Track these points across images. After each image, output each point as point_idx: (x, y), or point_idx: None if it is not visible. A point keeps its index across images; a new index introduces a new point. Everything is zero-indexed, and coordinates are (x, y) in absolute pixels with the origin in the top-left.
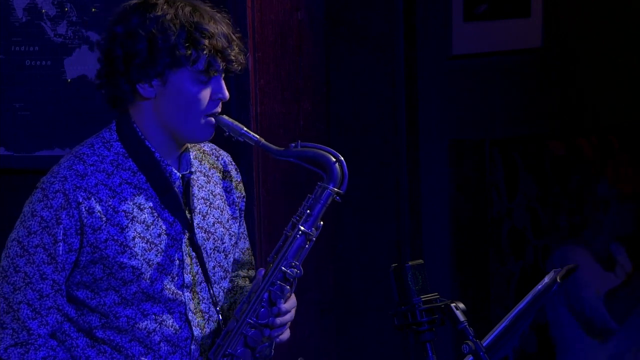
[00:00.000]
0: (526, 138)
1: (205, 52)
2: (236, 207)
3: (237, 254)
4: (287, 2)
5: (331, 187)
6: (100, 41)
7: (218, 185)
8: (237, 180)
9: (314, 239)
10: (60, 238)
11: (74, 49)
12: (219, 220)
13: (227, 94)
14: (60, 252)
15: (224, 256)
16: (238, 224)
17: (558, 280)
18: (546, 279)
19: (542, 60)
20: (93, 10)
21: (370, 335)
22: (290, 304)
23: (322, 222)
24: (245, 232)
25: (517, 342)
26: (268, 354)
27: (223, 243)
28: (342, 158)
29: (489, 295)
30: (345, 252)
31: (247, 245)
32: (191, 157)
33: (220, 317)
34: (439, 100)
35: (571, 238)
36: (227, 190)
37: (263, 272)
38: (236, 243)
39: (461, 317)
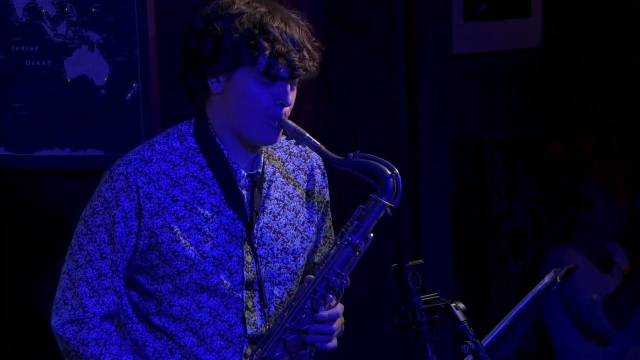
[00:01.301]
0: (526, 138)
1: (266, 53)
2: (315, 212)
3: (317, 258)
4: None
5: (384, 201)
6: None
7: (299, 188)
8: (321, 185)
9: (363, 251)
10: (119, 219)
11: (74, 49)
12: (292, 222)
13: (290, 99)
14: (118, 234)
15: (292, 258)
16: (317, 228)
17: (558, 280)
18: (546, 279)
19: (542, 60)
20: (93, 10)
21: (370, 335)
22: (332, 313)
23: (372, 235)
24: (331, 237)
25: (517, 342)
26: (308, 358)
27: (293, 245)
28: (398, 172)
29: (489, 295)
30: None
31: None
32: (261, 158)
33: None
34: (439, 100)
35: (566, 239)
36: (309, 193)
37: (310, 279)
38: (315, 247)
39: (461, 317)
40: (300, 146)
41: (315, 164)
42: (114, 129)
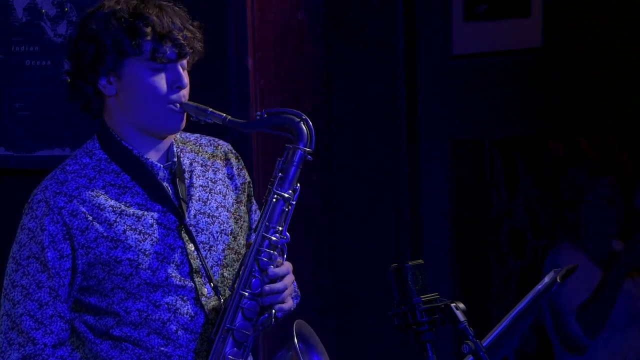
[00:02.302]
0: (526, 138)
1: (148, 38)
2: (240, 192)
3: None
4: (287, 3)
5: (301, 147)
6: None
7: (220, 172)
8: (238, 167)
9: (294, 202)
10: (47, 244)
11: None
12: (222, 204)
13: (185, 81)
14: (50, 259)
15: (232, 239)
16: (246, 208)
17: (558, 280)
18: (546, 279)
19: (542, 60)
20: None
21: (370, 335)
22: (282, 270)
23: (299, 185)
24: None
25: (517, 342)
26: (269, 323)
27: (229, 226)
28: (306, 117)
29: (489, 295)
30: (345, 252)
31: None
32: (174, 148)
33: None
34: (439, 100)
35: (565, 239)
36: (230, 176)
37: (250, 243)
38: (249, 229)
39: (461, 317)
40: (208, 137)
41: (226, 149)
42: None
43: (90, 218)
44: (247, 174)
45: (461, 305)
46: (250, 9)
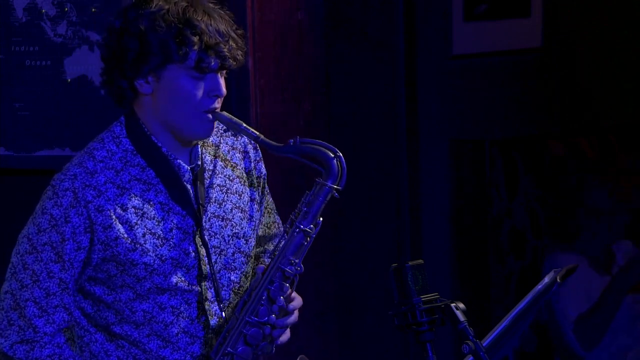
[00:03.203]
0: (526, 138)
1: (195, 47)
2: (255, 189)
3: (261, 230)
4: (287, 3)
5: (330, 184)
6: (101, 40)
7: (237, 168)
8: (255, 160)
9: (314, 235)
10: (69, 236)
11: (74, 49)
12: (237, 205)
13: (223, 90)
14: (68, 251)
15: (244, 242)
16: (259, 203)
17: (558, 280)
18: (546, 279)
19: (542, 60)
20: (93, 10)
21: (370, 335)
22: (295, 304)
23: (321, 219)
24: (271, 207)
25: (517, 342)
26: (269, 351)
27: (242, 228)
28: (341, 154)
29: (489, 295)
30: (345, 252)
31: (273, 219)
32: (199, 149)
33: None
34: (439, 100)
35: (564, 243)
36: (248, 171)
37: (262, 269)
38: (260, 221)
39: (461, 317)
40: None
41: (246, 140)
42: None
43: (114, 217)
44: (263, 166)
45: (461, 305)
46: (250, 9)
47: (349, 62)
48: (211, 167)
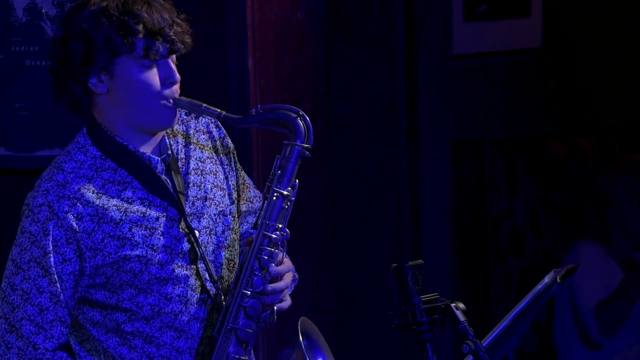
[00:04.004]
0: (526, 138)
1: (140, 35)
2: (226, 165)
3: (245, 206)
4: (287, 3)
5: (298, 143)
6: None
7: (206, 148)
8: (220, 137)
9: (293, 198)
10: (50, 249)
11: None
12: (215, 183)
13: (177, 76)
14: (53, 263)
15: (231, 219)
16: (235, 179)
17: (558, 280)
18: (546, 279)
19: (542, 60)
20: None
21: (370, 335)
22: (283, 267)
23: (297, 181)
24: (248, 182)
25: (517, 342)
26: (272, 320)
27: (226, 206)
28: (303, 112)
29: (489, 295)
30: (345, 252)
31: (254, 193)
32: (166, 139)
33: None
34: (439, 100)
35: (589, 237)
36: (215, 149)
37: (249, 241)
38: (238, 196)
39: (461, 317)
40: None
41: (207, 120)
42: None
43: (96, 219)
44: (230, 141)
45: (461, 305)
46: (250, 9)
47: (349, 62)
48: (182, 155)
